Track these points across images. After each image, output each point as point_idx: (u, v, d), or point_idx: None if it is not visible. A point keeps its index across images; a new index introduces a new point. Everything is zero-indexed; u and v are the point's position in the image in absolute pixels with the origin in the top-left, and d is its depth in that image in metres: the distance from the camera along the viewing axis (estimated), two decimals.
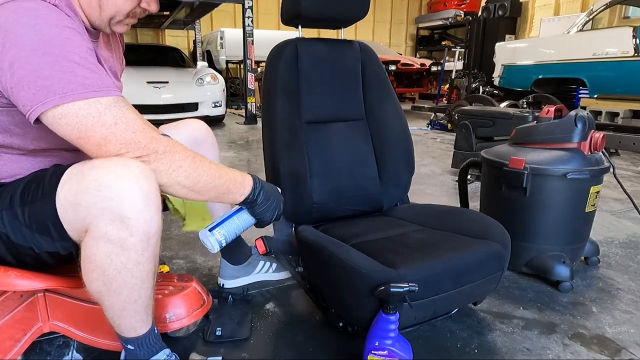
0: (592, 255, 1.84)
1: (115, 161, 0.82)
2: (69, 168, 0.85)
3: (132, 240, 0.83)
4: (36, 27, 0.76)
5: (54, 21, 0.79)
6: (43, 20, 0.77)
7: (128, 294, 0.89)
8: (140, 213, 0.82)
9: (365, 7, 1.51)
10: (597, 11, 4.80)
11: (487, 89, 6.46)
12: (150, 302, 0.96)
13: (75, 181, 0.82)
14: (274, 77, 1.45)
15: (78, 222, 0.83)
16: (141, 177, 0.82)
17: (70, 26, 0.81)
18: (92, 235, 0.82)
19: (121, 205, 0.80)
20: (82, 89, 0.78)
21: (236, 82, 10.31)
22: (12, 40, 0.75)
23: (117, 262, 0.84)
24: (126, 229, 0.82)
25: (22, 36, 0.75)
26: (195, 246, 1.94)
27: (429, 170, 3.61)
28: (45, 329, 1.12)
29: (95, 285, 0.87)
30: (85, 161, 0.85)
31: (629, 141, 3.45)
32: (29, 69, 0.76)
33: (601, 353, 1.26)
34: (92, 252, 0.84)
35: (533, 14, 9.09)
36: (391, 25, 13.34)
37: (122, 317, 0.93)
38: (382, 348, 1.06)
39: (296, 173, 1.42)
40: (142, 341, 0.98)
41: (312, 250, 1.26)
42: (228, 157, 4.06)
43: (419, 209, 1.59)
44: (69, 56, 0.78)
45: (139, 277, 0.88)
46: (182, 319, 1.20)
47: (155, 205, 0.85)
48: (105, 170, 0.81)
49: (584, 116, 1.63)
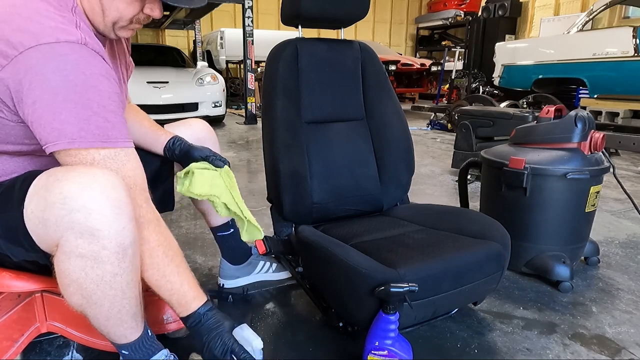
0: (592, 255, 1.84)
1: (80, 171, 0.81)
2: (36, 179, 0.83)
3: (105, 253, 0.80)
4: (63, 73, 0.80)
5: (82, 69, 0.82)
6: (71, 67, 0.81)
7: (110, 305, 0.86)
8: (111, 224, 0.79)
9: (365, 7, 1.51)
10: (597, 11, 4.80)
11: (487, 89, 6.46)
12: (138, 309, 0.93)
13: (42, 196, 0.80)
14: (274, 77, 1.45)
15: (48, 237, 0.81)
16: (108, 186, 0.80)
17: (98, 72, 0.84)
18: (63, 250, 0.80)
19: (89, 217, 0.78)
20: (90, 137, 0.82)
21: (236, 82, 10.31)
22: (38, 81, 0.79)
23: (92, 275, 0.81)
24: (97, 241, 0.79)
25: (49, 80, 0.79)
26: (195, 246, 1.94)
27: (429, 170, 3.61)
28: (42, 329, 1.11)
29: (74, 299, 0.85)
30: (51, 171, 0.83)
31: (629, 141, 3.45)
32: (48, 111, 0.80)
33: (601, 353, 1.26)
34: (65, 266, 0.81)
35: (533, 14, 9.09)
36: (391, 25, 13.34)
37: (109, 327, 0.91)
38: (382, 348, 1.06)
39: (296, 173, 1.42)
40: (136, 346, 0.97)
41: (312, 250, 1.26)
42: (228, 157, 4.02)
43: (419, 209, 1.59)
44: (88, 104, 0.82)
45: (119, 288, 0.85)
46: (179, 320, 1.19)
47: (127, 215, 0.82)
48: (69, 182, 0.79)
49: (584, 116, 1.63)
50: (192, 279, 1.00)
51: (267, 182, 1.52)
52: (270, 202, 1.55)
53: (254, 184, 3.12)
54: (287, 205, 1.42)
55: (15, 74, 0.79)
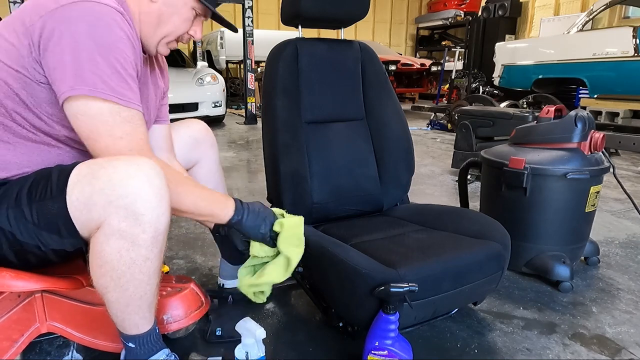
0: (592, 255, 1.84)
1: (126, 160, 0.85)
2: (76, 168, 0.86)
3: (143, 237, 0.86)
4: (95, 28, 0.85)
5: (114, 28, 0.87)
6: (104, 24, 0.86)
7: (134, 290, 0.90)
8: (153, 210, 0.85)
9: (365, 7, 1.51)
10: (597, 11, 4.80)
11: (487, 89, 6.46)
12: (154, 300, 0.96)
13: (87, 182, 0.84)
14: (274, 77, 1.45)
15: (91, 221, 0.85)
16: (153, 175, 0.85)
17: (126, 37, 0.90)
18: (104, 232, 0.84)
19: (135, 202, 0.83)
20: (109, 91, 0.86)
21: (236, 82, 10.31)
22: (71, 30, 0.83)
23: (127, 257, 0.86)
24: (139, 225, 0.84)
25: (81, 31, 0.84)
26: (195, 246, 1.95)
27: (429, 170, 3.61)
28: (42, 329, 1.11)
29: (102, 280, 0.88)
30: (92, 160, 0.88)
31: (629, 141, 3.45)
32: (74, 58, 0.83)
33: (601, 353, 1.26)
34: (102, 247, 0.85)
35: (533, 14, 9.08)
36: (391, 25, 13.33)
37: (127, 313, 0.94)
38: (382, 348, 1.05)
39: (296, 173, 1.42)
40: (144, 339, 0.98)
41: (312, 250, 1.26)
42: (228, 157, 4.06)
43: (419, 209, 1.59)
44: (112, 62, 0.86)
45: (147, 273, 0.90)
46: (179, 320, 1.19)
47: (166, 202, 0.88)
48: (117, 169, 0.83)
49: (584, 116, 1.63)
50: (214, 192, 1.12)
51: (267, 182, 1.52)
52: (270, 202, 1.55)
53: (254, 184, 3.12)
54: (287, 205, 1.42)
55: (50, 22, 0.83)
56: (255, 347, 1.01)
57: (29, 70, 0.87)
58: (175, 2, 1.01)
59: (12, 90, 0.88)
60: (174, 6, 1.02)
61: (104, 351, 1.12)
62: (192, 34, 1.07)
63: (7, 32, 0.88)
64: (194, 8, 1.04)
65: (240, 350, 1.02)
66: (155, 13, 1.00)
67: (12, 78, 0.88)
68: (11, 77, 0.87)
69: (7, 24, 0.90)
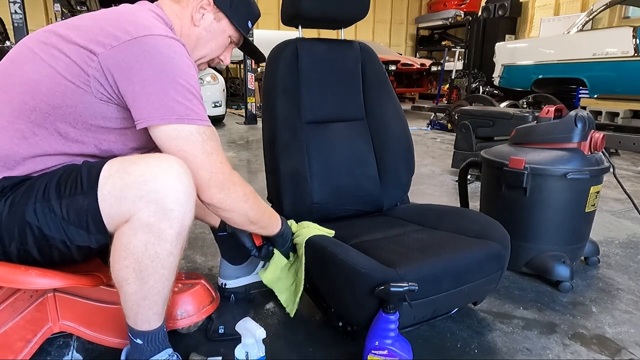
0: (592, 255, 1.84)
1: (157, 157, 0.90)
2: (107, 164, 0.89)
3: (170, 232, 0.89)
4: (172, 58, 0.92)
5: (185, 59, 0.95)
6: (178, 55, 0.93)
7: (154, 284, 0.92)
8: (182, 206, 0.88)
9: (366, 7, 1.51)
10: (597, 11, 4.80)
11: (487, 89, 6.46)
12: (168, 297, 0.99)
13: (119, 177, 0.87)
14: (274, 77, 1.45)
15: (121, 215, 0.87)
16: (183, 172, 0.89)
17: (192, 64, 0.97)
18: (132, 226, 0.87)
19: (166, 197, 0.86)
20: (195, 116, 0.93)
21: (236, 82, 10.30)
22: (151, 62, 0.90)
23: (152, 251, 0.89)
24: (167, 220, 0.87)
25: (161, 62, 0.91)
26: (195, 246, 1.95)
27: (429, 170, 3.61)
28: (55, 329, 1.12)
29: (124, 272, 0.90)
30: (123, 157, 0.92)
31: (629, 141, 3.45)
32: (159, 88, 0.90)
33: (601, 353, 1.26)
34: (129, 240, 0.88)
35: (533, 14, 9.08)
36: (391, 25, 13.32)
37: (142, 307, 0.95)
38: (382, 348, 1.06)
39: (296, 173, 1.42)
40: (152, 336, 0.99)
41: (312, 250, 1.26)
42: (228, 157, 4.03)
43: (419, 209, 1.59)
44: (191, 89, 0.93)
45: (168, 268, 0.92)
46: (192, 315, 1.21)
47: (194, 199, 0.92)
48: (150, 166, 0.87)
49: (584, 116, 1.63)
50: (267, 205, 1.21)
51: (267, 182, 1.52)
52: (271, 202, 1.55)
53: (254, 184, 3.10)
54: (287, 205, 1.42)
55: (126, 53, 0.89)
56: (255, 347, 1.02)
57: (91, 87, 0.91)
58: (215, 28, 1.11)
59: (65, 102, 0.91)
60: (213, 32, 1.11)
61: (114, 348, 1.12)
62: (222, 59, 1.18)
63: (68, 48, 0.91)
64: (231, 36, 1.15)
65: (240, 350, 1.03)
66: (195, 36, 1.09)
67: (70, 92, 0.91)
68: (69, 90, 0.91)
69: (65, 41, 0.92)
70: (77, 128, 0.95)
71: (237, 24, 1.13)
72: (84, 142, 0.97)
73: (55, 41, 0.93)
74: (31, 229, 0.89)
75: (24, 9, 5.05)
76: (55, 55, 0.91)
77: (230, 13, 1.11)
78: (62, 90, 0.91)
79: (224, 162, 0.99)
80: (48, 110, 0.91)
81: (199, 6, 1.08)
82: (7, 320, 1.01)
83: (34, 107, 0.91)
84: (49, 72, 0.91)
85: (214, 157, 0.96)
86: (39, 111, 0.91)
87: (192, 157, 0.93)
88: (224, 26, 1.12)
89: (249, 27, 1.17)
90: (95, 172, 0.89)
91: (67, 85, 0.90)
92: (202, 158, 0.94)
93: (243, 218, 1.09)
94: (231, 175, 1.00)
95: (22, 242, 0.90)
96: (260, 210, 1.13)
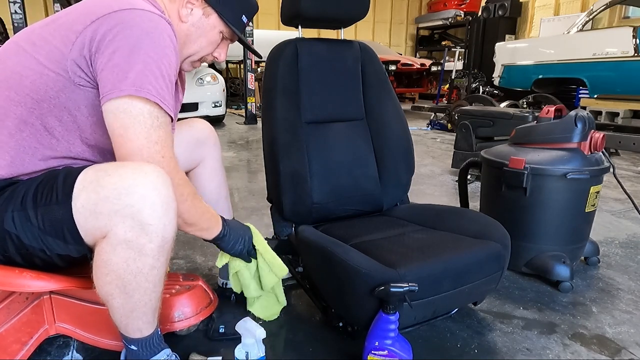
0: (592, 255, 1.84)
1: (132, 167, 0.84)
2: (82, 173, 0.85)
3: (150, 246, 0.84)
4: (150, 34, 0.87)
5: (166, 37, 0.90)
6: (158, 32, 0.89)
7: (140, 297, 0.89)
8: (160, 219, 0.84)
9: (365, 7, 1.51)
10: (597, 11, 4.80)
11: (487, 89, 6.46)
12: (158, 305, 0.96)
13: (93, 190, 0.82)
14: (274, 77, 1.45)
15: (97, 229, 0.83)
16: (160, 182, 0.84)
17: (173, 47, 0.92)
18: (110, 242, 0.83)
19: (142, 212, 0.81)
20: (155, 93, 0.86)
21: (236, 82, 10.30)
22: (125, 34, 0.85)
23: (133, 267, 0.85)
24: (146, 235, 0.83)
25: (135, 35, 0.86)
26: (195, 246, 1.94)
27: (429, 170, 3.61)
28: (51, 331, 1.11)
29: (107, 288, 0.88)
30: (98, 166, 0.87)
31: (629, 141, 3.45)
32: (126, 60, 0.84)
33: (601, 353, 1.26)
34: (108, 257, 0.84)
35: (533, 14, 9.08)
36: (391, 25, 13.32)
37: (130, 319, 0.93)
38: (382, 348, 1.06)
39: (296, 173, 1.42)
40: (146, 342, 0.98)
41: (312, 250, 1.26)
42: (228, 157, 4.06)
43: (419, 209, 1.59)
44: (161, 67, 0.88)
45: (153, 281, 0.89)
46: (190, 317, 1.21)
47: (173, 210, 0.87)
48: (123, 177, 0.82)
49: (584, 116, 1.63)
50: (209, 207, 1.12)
51: (267, 182, 1.52)
52: (271, 202, 1.55)
53: (254, 184, 3.12)
54: (287, 205, 1.42)
55: (104, 25, 0.85)
56: (255, 347, 1.02)
57: (69, 73, 0.87)
58: (203, 24, 1.06)
59: (48, 93, 0.89)
60: (202, 28, 1.06)
61: (105, 350, 1.12)
62: (217, 56, 1.12)
63: (50, 34, 0.89)
64: (222, 32, 1.08)
65: (240, 350, 1.02)
66: (183, 32, 1.04)
67: (52, 81, 0.88)
68: (51, 80, 0.88)
69: (49, 27, 0.91)
70: (63, 122, 0.91)
71: (228, 19, 1.06)
72: (70, 139, 0.94)
73: (39, 30, 0.91)
74: (10, 238, 0.87)
75: (24, 9, 5.06)
76: (37, 43, 0.89)
77: (219, 8, 1.05)
78: (44, 81, 0.88)
79: (167, 158, 0.89)
80: (33, 104, 0.89)
81: (186, 1, 1.03)
82: (3, 322, 1.00)
83: (19, 102, 0.89)
84: (31, 63, 0.88)
85: (157, 148, 0.87)
86: (24, 106, 0.89)
87: (131, 138, 0.85)
88: (213, 22, 1.06)
89: (244, 22, 1.11)
90: (71, 180, 0.84)
91: (48, 75, 0.88)
92: (141, 143, 0.85)
93: (178, 220, 0.95)
94: (172, 172, 0.90)
95: (4, 249, 0.88)
96: (198, 213, 1.04)
